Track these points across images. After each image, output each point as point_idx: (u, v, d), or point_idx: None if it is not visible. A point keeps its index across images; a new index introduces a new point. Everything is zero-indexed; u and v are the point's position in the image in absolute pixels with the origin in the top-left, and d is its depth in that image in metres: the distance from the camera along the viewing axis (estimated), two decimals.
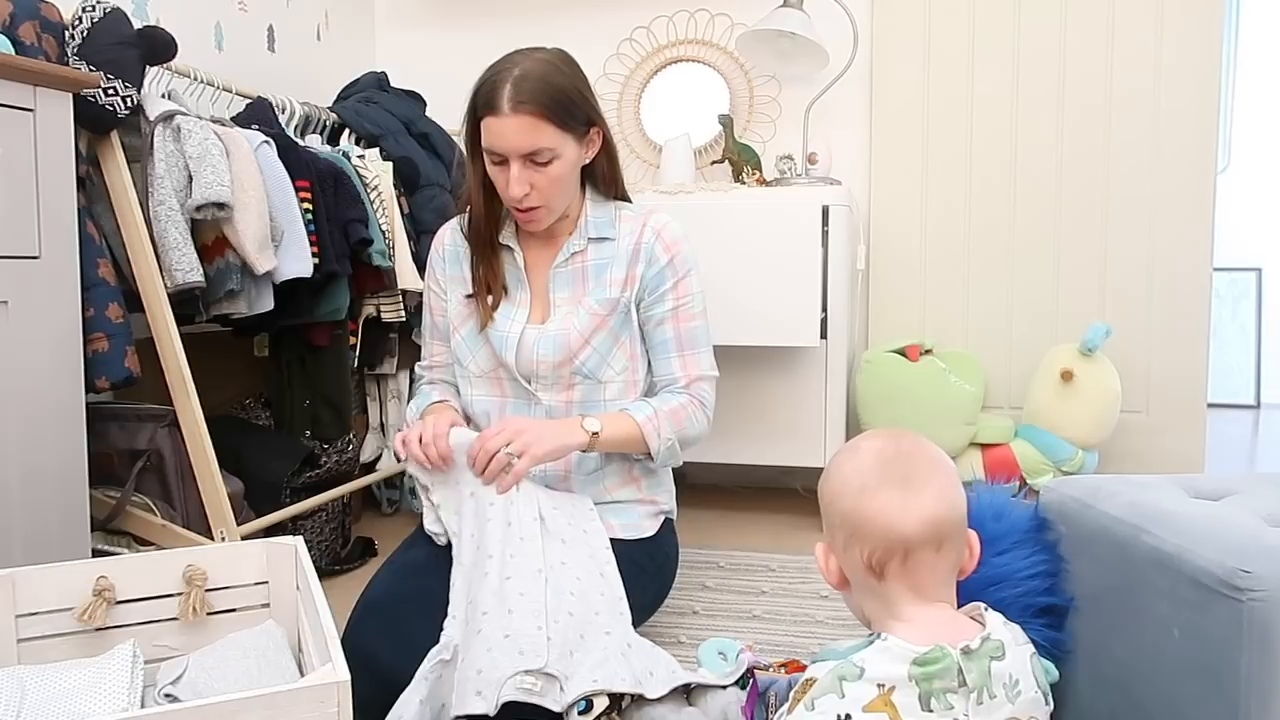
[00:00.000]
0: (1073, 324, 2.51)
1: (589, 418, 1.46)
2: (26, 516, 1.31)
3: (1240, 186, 4.25)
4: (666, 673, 1.25)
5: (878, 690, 0.84)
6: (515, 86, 1.39)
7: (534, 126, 1.39)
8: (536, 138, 1.40)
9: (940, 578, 0.91)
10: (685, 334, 1.56)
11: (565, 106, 1.42)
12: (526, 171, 1.42)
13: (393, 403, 2.34)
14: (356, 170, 2.04)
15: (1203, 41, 2.42)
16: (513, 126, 1.39)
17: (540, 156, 1.41)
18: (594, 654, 1.22)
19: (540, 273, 1.57)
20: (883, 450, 0.94)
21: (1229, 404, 4.32)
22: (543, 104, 1.39)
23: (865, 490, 0.91)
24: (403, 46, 2.97)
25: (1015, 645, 0.90)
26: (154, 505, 1.69)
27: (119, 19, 1.58)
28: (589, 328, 1.51)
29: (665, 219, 1.57)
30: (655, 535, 1.57)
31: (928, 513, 0.89)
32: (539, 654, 1.17)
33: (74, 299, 1.39)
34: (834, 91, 2.54)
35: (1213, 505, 1.07)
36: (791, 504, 2.59)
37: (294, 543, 1.24)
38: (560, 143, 1.42)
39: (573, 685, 1.16)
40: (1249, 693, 0.88)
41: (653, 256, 1.54)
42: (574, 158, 1.47)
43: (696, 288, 1.57)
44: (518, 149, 1.40)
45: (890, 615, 0.91)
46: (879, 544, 0.90)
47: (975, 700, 0.84)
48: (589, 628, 1.27)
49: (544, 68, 1.42)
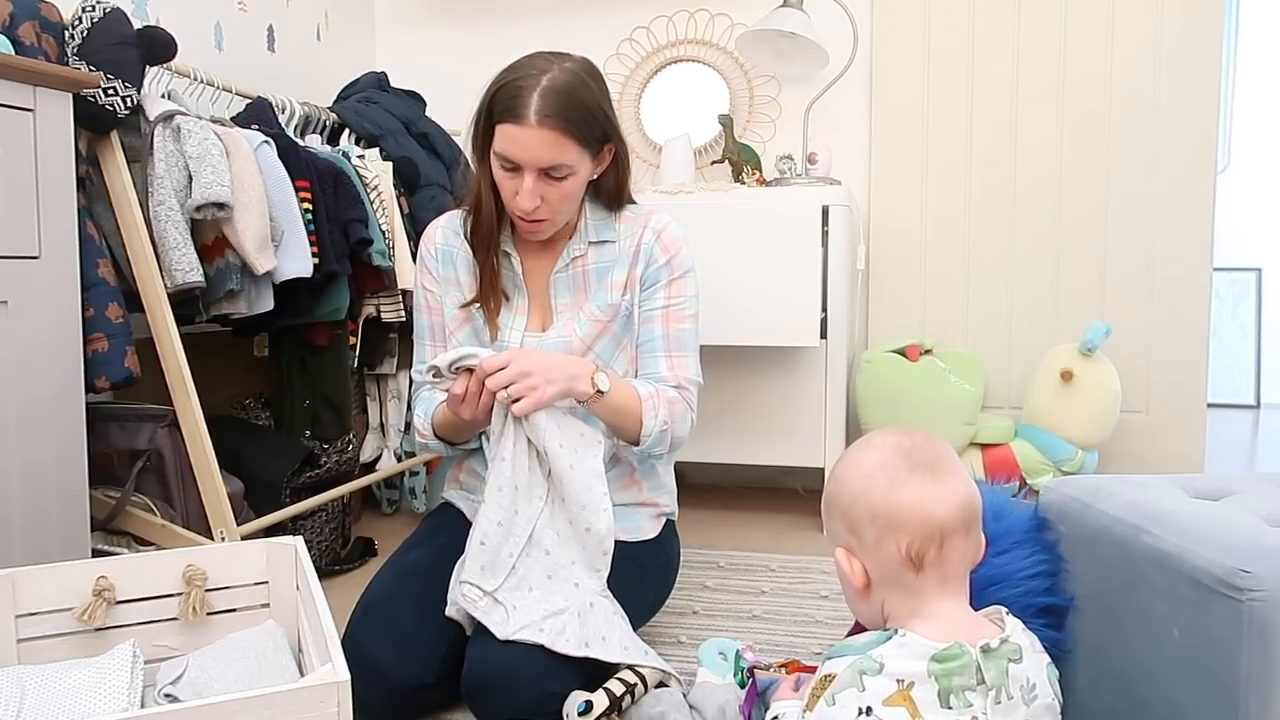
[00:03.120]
0: (1073, 324, 2.51)
1: (600, 373, 1.40)
2: (26, 516, 1.31)
3: (1240, 186, 4.25)
4: (619, 645, 1.27)
5: (897, 685, 0.84)
6: (543, 98, 1.33)
7: (557, 142, 1.35)
8: (559, 154, 1.36)
9: (965, 566, 0.93)
10: (673, 334, 1.52)
11: (588, 124, 1.38)
12: (540, 184, 1.38)
13: (393, 403, 2.34)
14: (356, 170, 2.04)
15: (1203, 41, 2.42)
16: (536, 139, 1.34)
17: (557, 172, 1.37)
18: (553, 600, 1.27)
19: (538, 278, 1.54)
20: (900, 443, 0.95)
21: (1229, 404, 4.32)
22: (570, 120, 1.34)
23: (896, 482, 0.91)
24: (403, 46, 2.97)
25: (1033, 652, 0.90)
26: (154, 505, 1.69)
27: (119, 19, 1.58)
28: (591, 335, 1.49)
29: (666, 220, 1.55)
30: (657, 537, 1.57)
31: (961, 496, 0.91)
32: (497, 577, 1.28)
33: (74, 299, 1.39)
34: (834, 91, 2.54)
35: (1213, 505, 1.07)
36: (791, 504, 2.59)
37: (294, 543, 1.24)
38: (579, 160, 1.39)
39: (517, 619, 1.24)
40: (1249, 693, 0.88)
41: (651, 256, 1.51)
42: (587, 174, 1.44)
43: (691, 291, 1.54)
44: (537, 162, 1.36)
45: (914, 612, 0.91)
46: (917, 533, 0.90)
47: (994, 699, 0.84)
48: (559, 571, 1.31)
49: (572, 80, 1.37)
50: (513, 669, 1.21)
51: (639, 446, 1.46)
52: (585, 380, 1.38)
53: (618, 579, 1.39)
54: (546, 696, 1.21)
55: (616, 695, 1.21)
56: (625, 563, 1.45)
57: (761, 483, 2.79)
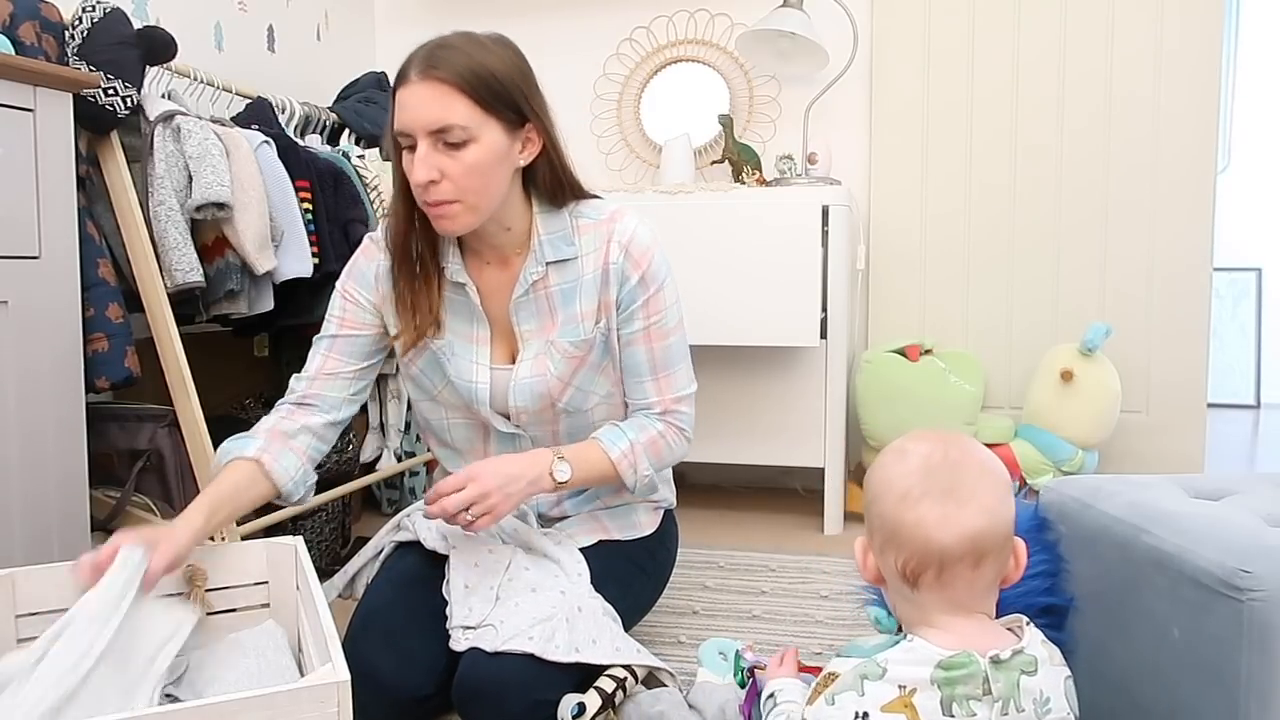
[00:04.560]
0: (1073, 324, 2.50)
1: (559, 462, 1.33)
2: (26, 516, 1.31)
3: (1240, 186, 4.25)
4: (610, 647, 1.26)
5: (898, 691, 0.84)
6: (428, 56, 1.23)
7: (443, 96, 1.20)
8: (445, 111, 1.20)
9: (978, 591, 0.89)
10: (659, 354, 1.41)
11: (487, 84, 1.22)
12: (435, 155, 1.22)
13: (392, 403, 2.34)
14: (356, 170, 2.04)
15: (1203, 41, 2.42)
16: (419, 95, 1.21)
17: (451, 135, 1.21)
18: (540, 608, 1.27)
19: (497, 304, 1.38)
20: (930, 456, 0.90)
21: (1229, 404, 4.32)
22: (457, 73, 1.21)
23: (907, 498, 0.88)
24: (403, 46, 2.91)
25: (1051, 665, 0.88)
26: (154, 505, 1.69)
27: (119, 19, 1.58)
28: (568, 371, 1.38)
29: (630, 226, 1.38)
30: (655, 532, 1.55)
31: (968, 529, 0.86)
32: (485, 609, 1.28)
33: (74, 299, 1.39)
34: (834, 91, 2.54)
35: (1213, 505, 1.08)
36: (791, 504, 2.59)
37: (294, 543, 1.24)
38: (477, 124, 1.22)
39: (505, 630, 1.23)
40: (1249, 693, 0.88)
41: (624, 276, 1.37)
42: (498, 148, 1.25)
43: (670, 300, 1.41)
44: (423, 123, 1.21)
45: (923, 621, 0.90)
46: (914, 554, 0.87)
47: (1000, 710, 0.83)
48: (543, 583, 1.31)
49: (470, 43, 1.25)
50: (503, 678, 1.20)
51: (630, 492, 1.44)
52: (546, 479, 1.32)
53: (613, 578, 1.39)
54: (537, 704, 1.20)
55: (608, 693, 1.21)
56: (621, 561, 1.45)
57: (761, 483, 2.79)
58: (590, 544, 1.44)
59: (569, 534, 1.45)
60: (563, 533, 1.45)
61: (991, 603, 0.91)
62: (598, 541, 1.45)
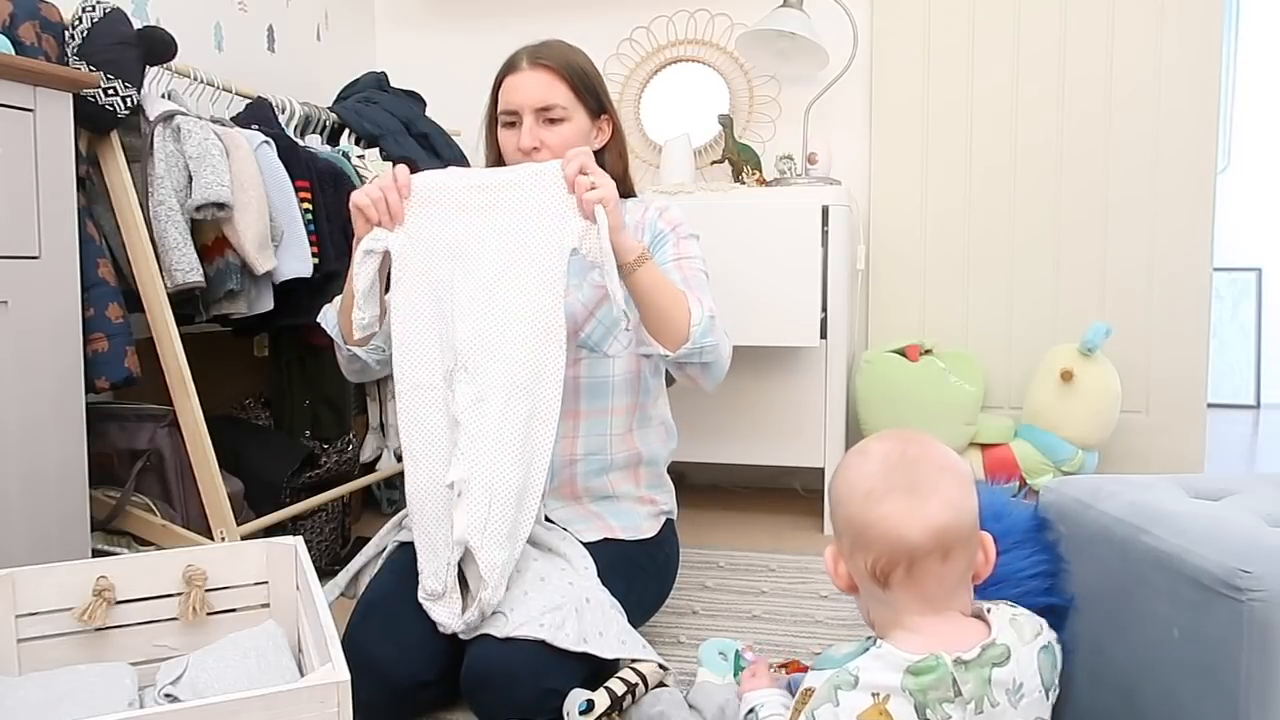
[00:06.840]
0: (1073, 324, 2.50)
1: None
2: (26, 516, 1.31)
3: (1240, 186, 4.24)
4: (616, 640, 1.28)
5: (872, 699, 0.84)
6: (535, 50, 1.50)
7: (550, 83, 1.47)
8: (551, 92, 1.47)
9: (949, 586, 0.90)
10: (691, 278, 1.49)
11: (580, 76, 1.50)
12: (538, 129, 1.47)
13: (392, 402, 2.34)
14: (356, 170, 2.04)
15: (1203, 41, 2.42)
16: (529, 80, 1.47)
17: (553, 113, 1.47)
18: (550, 596, 1.28)
19: None
20: (889, 454, 0.92)
21: (1229, 404, 4.31)
22: (560, 64, 1.48)
23: (871, 496, 0.89)
24: (403, 46, 2.97)
25: (1022, 645, 0.88)
26: (154, 505, 1.69)
27: (119, 19, 1.58)
28: (593, 300, 1.50)
29: (667, 203, 1.60)
30: (656, 536, 1.57)
31: (933, 522, 0.87)
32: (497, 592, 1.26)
33: (74, 299, 1.39)
34: (834, 91, 2.54)
35: (1213, 505, 1.07)
36: (791, 504, 2.59)
37: (294, 543, 1.24)
38: (572, 106, 1.49)
39: (515, 618, 1.25)
40: (1249, 693, 0.88)
41: (656, 229, 1.55)
42: (584, 128, 1.51)
43: (699, 253, 1.55)
44: (532, 102, 1.47)
45: (895, 623, 0.90)
46: (883, 552, 0.88)
47: (974, 710, 0.84)
48: (551, 574, 1.33)
49: (564, 45, 1.54)
50: (512, 666, 1.22)
51: (688, 343, 1.37)
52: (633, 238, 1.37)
53: (615, 576, 1.40)
54: (546, 694, 1.21)
55: (618, 694, 1.21)
56: (623, 560, 1.46)
57: (761, 483, 2.79)
58: (595, 540, 1.47)
59: (574, 530, 1.49)
60: (568, 529, 1.48)
61: (965, 598, 0.92)
62: (602, 539, 1.48)
